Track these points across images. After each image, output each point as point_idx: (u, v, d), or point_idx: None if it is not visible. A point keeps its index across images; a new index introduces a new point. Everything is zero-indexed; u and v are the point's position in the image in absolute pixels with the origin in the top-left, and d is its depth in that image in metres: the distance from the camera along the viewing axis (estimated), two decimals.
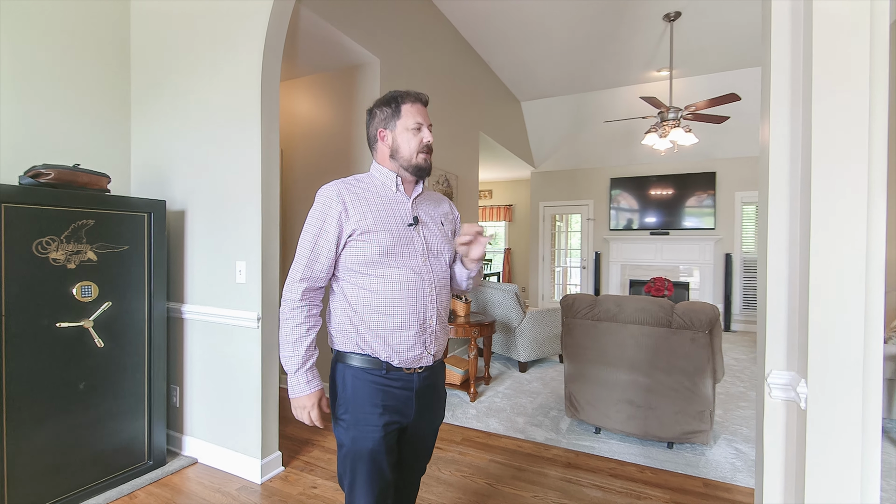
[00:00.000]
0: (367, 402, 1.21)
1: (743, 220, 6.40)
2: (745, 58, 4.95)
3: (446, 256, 1.32)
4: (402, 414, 1.25)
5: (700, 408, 2.47)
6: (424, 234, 1.27)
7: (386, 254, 1.20)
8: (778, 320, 1.31)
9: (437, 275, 1.27)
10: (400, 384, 1.23)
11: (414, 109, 1.26)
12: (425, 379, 1.27)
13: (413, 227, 1.26)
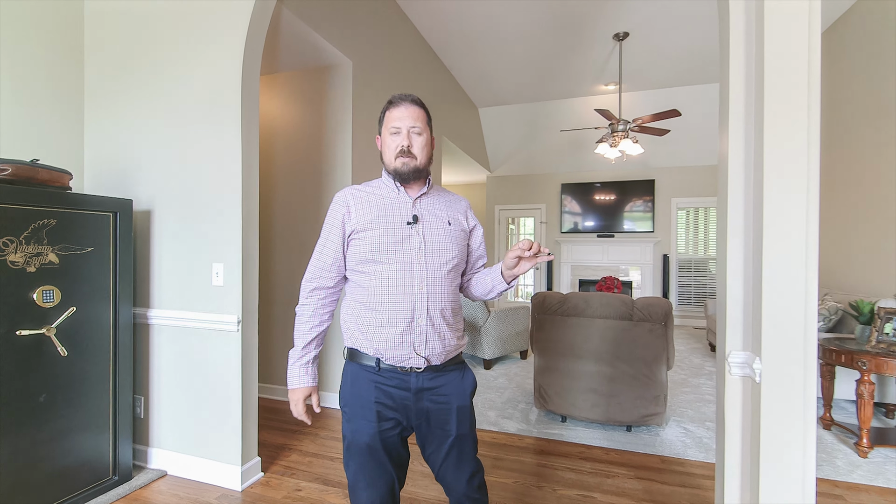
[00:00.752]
0: (362, 398, 1.24)
1: (678, 223, 7.03)
2: (684, 76, 5.48)
3: (448, 256, 1.28)
4: (401, 413, 1.25)
5: (656, 392, 2.74)
6: (424, 231, 1.26)
7: (377, 250, 1.22)
8: (736, 309, 1.53)
9: (431, 273, 1.24)
10: (395, 383, 1.23)
11: (395, 114, 1.26)
12: (427, 381, 1.24)
13: (412, 226, 1.25)
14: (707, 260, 6.99)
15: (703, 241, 7.01)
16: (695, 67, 5.20)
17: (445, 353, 1.26)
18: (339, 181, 3.26)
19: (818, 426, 2.93)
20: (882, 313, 2.74)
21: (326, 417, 3.12)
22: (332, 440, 2.76)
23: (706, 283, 6.97)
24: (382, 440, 1.23)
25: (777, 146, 1.37)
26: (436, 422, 1.27)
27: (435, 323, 1.22)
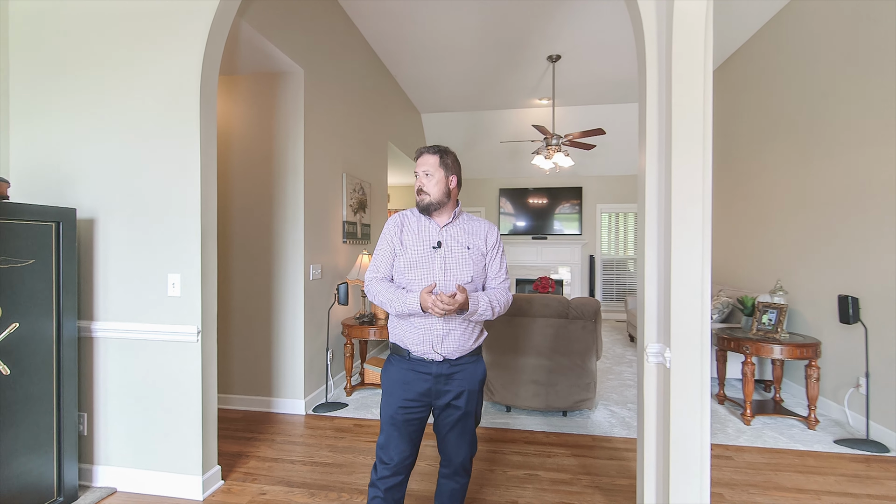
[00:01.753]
0: (394, 382, 1.62)
1: (602, 227, 7.75)
2: (609, 96, 6.09)
3: (467, 275, 1.61)
4: (425, 394, 1.60)
5: (587, 380, 3.12)
6: (445, 255, 1.61)
7: (409, 267, 1.60)
8: (651, 307, 1.88)
9: (448, 288, 1.57)
10: (418, 368, 1.59)
11: (419, 161, 1.65)
12: (440, 367, 1.59)
13: (436, 250, 1.61)
14: (626, 260, 7.78)
15: (623, 242, 7.79)
16: (617, 89, 5.81)
17: (459, 351, 1.61)
18: (290, 189, 3.28)
19: (714, 401, 3.51)
20: (760, 307, 3.35)
21: (282, 423, 3.14)
22: (290, 444, 2.81)
23: (626, 280, 7.76)
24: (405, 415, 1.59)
25: (680, 165, 1.72)
26: (447, 397, 1.62)
27: (451, 329, 1.58)
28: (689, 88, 1.72)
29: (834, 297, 3.20)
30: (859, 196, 3.03)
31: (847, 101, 3.14)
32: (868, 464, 2.59)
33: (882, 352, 2.83)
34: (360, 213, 4.44)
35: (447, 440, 1.68)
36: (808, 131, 3.55)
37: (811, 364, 3.05)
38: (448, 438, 1.67)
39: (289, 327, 3.32)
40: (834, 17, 3.26)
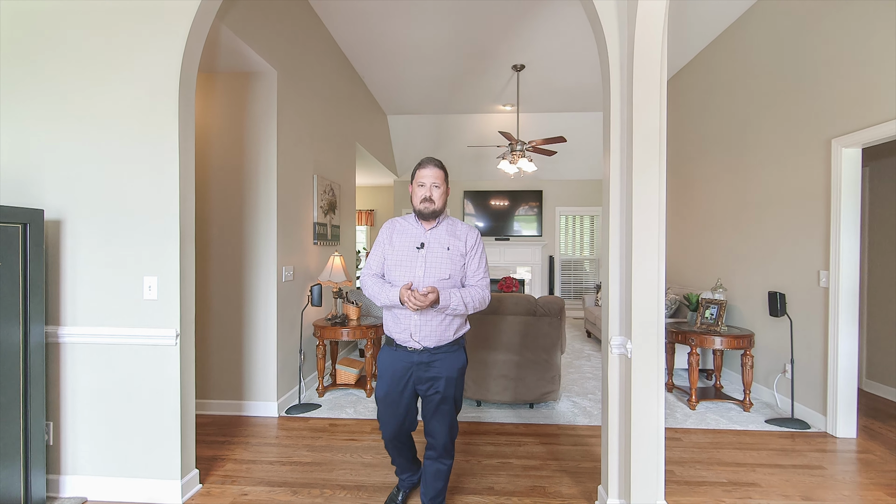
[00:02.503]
0: (385, 366, 1.88)
1: (561, 229, 8.12)
2: (569, 105, 6.43)
3: (444, 273, 1.82)
4: (409, 378, 1.84)
5: (553, 374, 3.33)
6: (427, 255, 1.83)
7: (396, 265, 1.85)
8: (615, 304, 2.08)
9: (427, 285, 1.78)
10: (401, 355, 1.84)
11: (422, 172, 1.84)
12: (421, 356, 1.81)
13: (419, 250, 1.84)
14: (583, 260, 8.19)
15: (580, 243, 8.20)
16: (577, 98, 6.15)
17: (437, 341, 1.82)
18: (263, 189, 3.26)
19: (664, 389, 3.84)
20: (704, 303, 3.70)
21: (255, 426, 3.13)
22: (266, 446, 2.82)
23: (583, 279, 8.18)
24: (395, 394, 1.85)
25: (639, 172, 1.93)
26: (428, 383, 1.83)
27: (427, 320, 1.79)
28: (646, 104, 1.93)
29: (765, 293, 3.60)
30: (783, 203, 3.43)
31: (773, 120, 3.55)
32: (793, 439, 2.96)
33: (804, 341, 3.24)
34: (330, 214, 4.45)
35: (430, 422, 1.90)
36: (742, 144, 3.96)
37: (746, 353, 3.42)
38: (431, 420, 1.90)
39: (261, 329, 3.30)
40: (766, 45, 3.67)
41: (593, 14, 2.10)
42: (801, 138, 3.28)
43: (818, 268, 3.12)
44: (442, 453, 1.93)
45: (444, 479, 1.95)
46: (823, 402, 3.09)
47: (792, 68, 3.37)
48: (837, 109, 2.97)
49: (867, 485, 2.39)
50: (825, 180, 3.06)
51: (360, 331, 3.70)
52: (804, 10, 3.24)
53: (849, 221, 2.94)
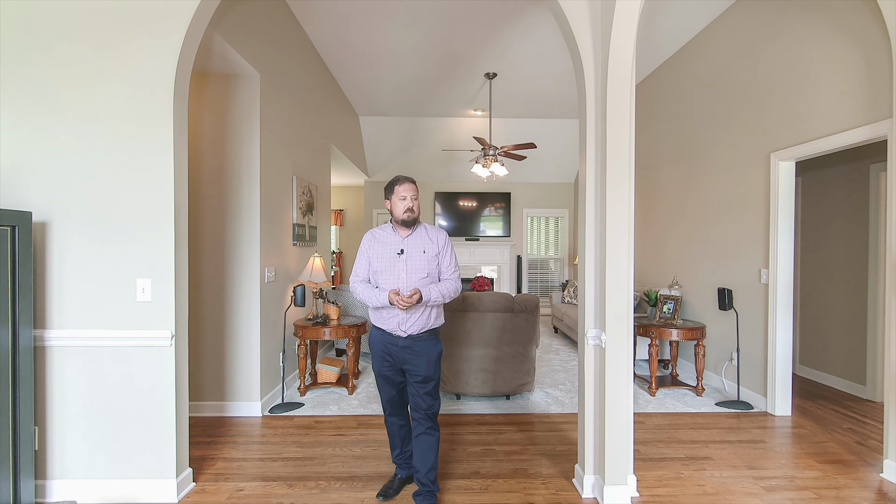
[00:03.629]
0: (376, 346, 2.19)
1: (529, 230, 8.44)
2: (538, 111, 6.73)
3: (424, 274, 2.13)
4: (394, 357, 2.15)
5: (528, 366, 3.56)
6: (406, 260, 2.13)
7: (381, 270, 2.13)
8: (590, 299, 2.31)
9: (410, 285, 2.09)
10: (389, 339, 2.14)
11: (403, 188, 2.12)
12: (405, 341, 2.11)
13: (399, 256, 2.11)
14: (548, 259, 8.56)
15: (546, 243, 8.56)
16: (546, 105, 6.45)
17: (419, 329, 2.12)
18: (245, 191, 3.27)
19: None
20: (662, 299, 4.05)
21: (240, 426, 3.15)
22: (254, 444, 2.86)
23: (549, 277, 8.54)
24: (387, 370, 2.18)
25: (612, 189, 2.17)
26: (412, 365, 2.13)
27: (411, 313, 2.09)
28: (619, 135, 2.17)
29: (715, 289, 3.99)
30: (731, 209, 3.83)
31: (722, 133, 3.94)
32: (739, 419, 3.33)
33: (748, 332, 3.63)
34: (308, 215, 4.48)
35: (417, 398, 2.16)
36: (695, 154, 4.35)
37: (699, 344, 3.79)
38: (417, 396, 2.17)
39: (244, 330, 3.32)
40: (716, 64, 4.06)
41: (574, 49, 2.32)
42: (745, 151, 3.67)
43: (760, 266, 3.52)
44: (430, 424, 2.17)
45: (434, 451, 2.16)
46: (764, 385, 3.49)
47: (738, 87, 3.76)
48: (776, 126, 3.37)
49: (800, 454, 2.75)
50: (765, 189, 3.46)
51: (343, 330, 3.77)
52: (748, 36, 3.63)
53: (785, 226, 3.34)
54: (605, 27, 2.20)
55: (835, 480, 2.44)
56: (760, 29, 3.49)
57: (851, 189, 3.92)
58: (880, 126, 2.56)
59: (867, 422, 3.26)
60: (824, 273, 4.16)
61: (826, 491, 2.34)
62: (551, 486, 2.39)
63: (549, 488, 2.37)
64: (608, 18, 2.16)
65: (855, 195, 3.89)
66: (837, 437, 3.00)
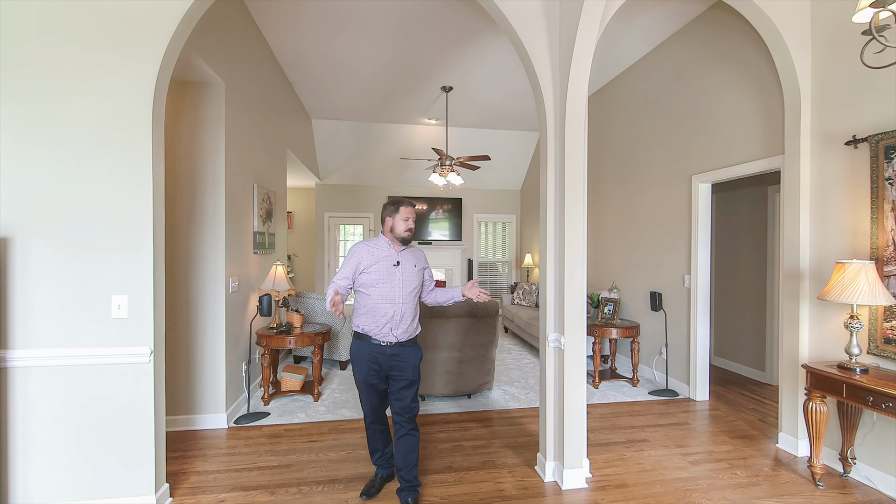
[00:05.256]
0: (361, 356, 2.32)
1: (479, 234, 8.81)
2: (489, 123, 7.08)
3: (415, 285, 2.35)
4: (380, 365, 2.29)
5: (488, 367, 3.84)
6: (401, 272, 2.32)
7: (376, 281, 2.28)
8: (551, 307, 2.62)
9: (405, 294, 2.31)
10: (377, 349, 2.28)
11: (407, 210, 2.34)
12: (393, 348, 2.29)
13: (396, 267, 2.31)
14: (496, 263, 8.99)
15: (494, 247, 8.98)
16: (497, 118, 6.83)
17: (407, 336, 2.33)
18: (210, 200, 3.24)
19: None
20: (603, 301, 4.53)
21: (207, 438, 3.12)
22: (226, 456, 2.87)
23: (498, 280, 8.97)
24: (372, 378, 2.31)
25: (570, 210, 2.49)
26: (399, 371, 2.30)
27: (403, 319, 2.30)
28: (574, 167, 2.50)
29: (647, 292, 4.53)
30: (661, 222, 4.38)
31: (654, 155, 4.49)
32: (667, 405, 3.85)
33: (674, 329, 4.19)
34: (267, 222, 4.45)
35: (400, 401, 2.32)
36: (632, 171, 4.89)
37: (634, 341, 4.29)
38: (400, 400, 2.32)
39: (209, 342, 3.28)
40: (650, 92, 4.60)
41: (539, 95, 2.63)
42: (672, 172, 4.23)
43: (683, 272, 4.07)
44: (412, 425, 2.34)
45: (416, 450, 2.35)
46: (687, 374, 4.05)
47: (668, 114, 4.31)
48: (697, 153, 3.92)
49: (716, 432, 3.27)
50: (688, 206, 4.01)
51: (308, 338, 3.82)
52: (676, 69, 4.18)
53: (703, 237, 3.91)
54: (563, 75, 2.52)
55: (742, 452, 2.96)
56: (687, 65, 4.04)
57: (754, 208, 4.64)
58: (776, 160, 3.13)
59: (766, 402, 3.91)
60: (733, 277, 4.86)
61: (736, 461, 2.83)
62: (517, 473, 2.67)
63: (515, 476, 2.65)
64: (566, 70, 2.48)
65: (756, 213, 4.61)
66: (744, 416, 3.59)
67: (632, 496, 2.43)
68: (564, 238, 2.50)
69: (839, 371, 2.39)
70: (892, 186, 2.39)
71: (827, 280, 2.75)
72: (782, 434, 3.01)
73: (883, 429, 2.48)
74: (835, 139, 2.71)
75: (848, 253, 2.64)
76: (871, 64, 2.11)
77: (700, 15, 3.83)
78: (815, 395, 2.50)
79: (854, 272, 2.32)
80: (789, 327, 2.96)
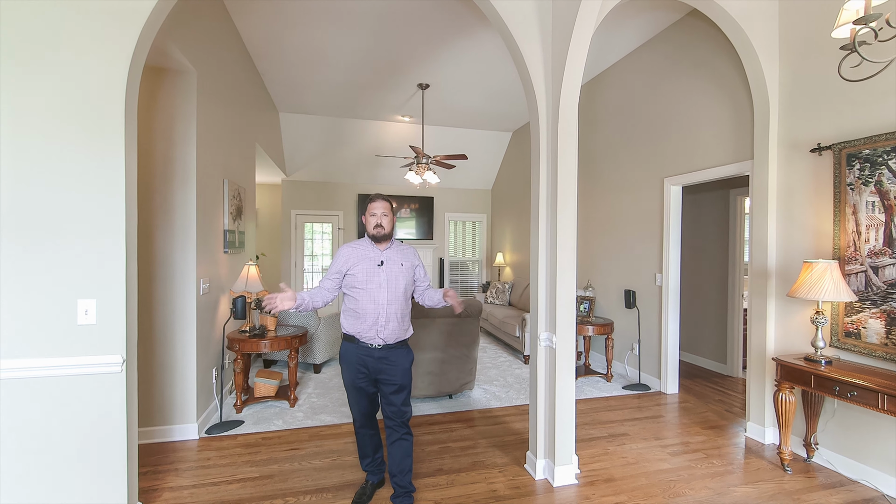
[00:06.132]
0: (349, 358, 2.26)
1: (450, 233, 8.80)
2: (463, 122, 7.06)
3: (402, 286, 2.25)
4: (367, 367, 2.23)
5: (470, 366, 3.84)
6: (386, 272, 2.23)
7: (360, 282, 2.21)
8: (542, 307, 2.64)
9: (390, 295, 2.21)
10: (364, 351, 2.22)
11: (374, 206, 2.25)
12: (381, 351, 2.22)
13: (380, 267, 2.21)
14: (468, 262, 9.02)
15: (465, 246, 9.01)
16: (472, 117, 6.83)
17: (396, 338, 2.24)
18: (180, 196, 3.03)
19: None
20: (579, 299, 4.63)
21: (177, 451, 2.92)
22: (201, 469, 2.70)
23: (468, 279, 9.01)
24: (360, 381, 2.24)
25: (561, 209, 2.52)
26: (388, 375, 2.23)
27: (389, 321, 2.20)
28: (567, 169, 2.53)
29: (622, 290, 4.68)
30: (634, 222, 4.53)
31: (629, 157, 4.64)
32: (641, 399, 3.99)
33: (646, 326, 4.35)
34: (238, 220, 4.22)
35: (391, 406, 2.25)
36: (607, 173, 5.03)
37: (608, 337, 4.43)
38: (391, 404, 2.26)
39: (178, 347, 3.07)
40: (626, 96, 4.75)
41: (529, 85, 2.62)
42: (646, 174, 4.38)
43: (655, 271, 4.24)
44: (405, 429, 2.28)
45: (410, 454, 2.30)
46: (658, 369, 4.22)
47: (642, 118, 4.46)
48: (669, 156, 4.09)
49: (689, 424, 3.43)
50: (660, 208, 4.18)
51: (284, 341, 3.66)
52: (652, 74, 4.34)
53: (674, 237, 4.08)
54: (557, 72, 2.54)
55: (715, 442, 3.12)
56: (661, 71, 4.19)
57: (718, 210, 4.90)
58: (745, 165, 3.31)
59: (730, 393, 4.14)
60: (699, 276, 5.12)
61: (711, 451, 2.98)
62: (507, 472, 2.68)
63: (506, 475, 2.65)
64: (559, 67, 2.50)
65: (720, 214, 4.87)
66: (712, 407, 3.78)
67: (620, 490, 2.50)
68: (557, 238, 2.52)
69: (806, 363, 2.56)
70: (854, 191, 2.58)
71: (792, 278, 2.94)
72: (750, 423, 3.20)
73: (843, 416, 2.68)
74: (801, 146, 2.89)
75: (812, 253, 2.83)
76: (850, 77, 2.27)
77: (675, 22, 3.98)
78: (785, 386, 2.66)
79: (820, 271, 2.49)
80: (757, 323, 3.14)
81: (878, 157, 2.46)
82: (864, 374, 2.33)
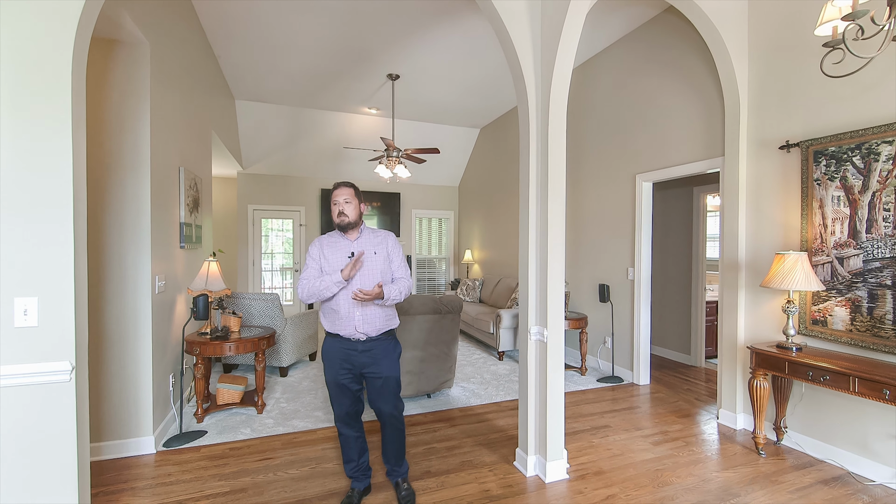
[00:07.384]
0: (332, 354, 2.17)
1: (418, 229, 8.65)
2: (434, 117, 6.94)
3: (376, 276, 2.15)
4: (351, 363, 2.15)
5: (450, 364, 3.74)
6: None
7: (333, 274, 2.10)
8: (532, 301, 2.58)
9: (364, 285, 2.12)
10: (347, 346, 2.15)
11: (335, 194, 2.15)
12: (365, 345, 2.14)
13: (350, 259, 2.14)
14: (434, 260, 8.91)
15: (432, 243, 8.90)
16: (443, 112, 6.72)
17: (377, 330, 2.15)
18: (131, 184, 2.71)
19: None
20: None
21: (132, 468, 2.61)
22: (161, 486, 2.42)
23: (436, 276, 8.90)
24: (343, 377, 2.15)
25: (552, 200, 2.47)
26: (374, 369, 2.15)
27: (367, 315, 2.13)
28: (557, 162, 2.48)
29: (596, 285, 4.76)
30: (607, 218, 4.61)
31: (602, 154, 4.72)
32: (615, 391, 4.06)
33: (619, 319, 4.44)
34: (195, 212, 3.88)
35: (376, 398, 2.20)
36: (581, 169, 5.10)
37: (583, 331, 4.48)
38: (376, 396, 2.20)
39: (131, 352, 2.75)
40: (599, 93, 4.82)
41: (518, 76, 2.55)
42: (619, 171, 4.47)
43: (627, 265, 4.33)
44: (388, 420, 2.24)
45: (402, 439, 2.27)
46: (631, 361, 4.32)
47: (616, 114, 4.54)
48: (641, 153, 4.19)
49: (664, 413, 3.52)
50: (632, 203, 4.27)
51: (251, 343, 3.40)
52: (624, 71, 4.42)
53: (645, 232, 4.19)
54: (548, 60, 2.49)
55: (692, 429, 3.21)
56: (633, 69, 4.28)
57: (683, 205, 5.09)
58: (715, 161, 3.43)
59: (695, 382, 4.31)
60: (665, 270, 5.30)
61: (689, 438, 3.06)
62: (497, 471, 2.60)
63: (496, 473, 2.57)
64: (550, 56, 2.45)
65: (684, 210, 5.07)
66: (682, 396, 3.91)
67: (611, 481, 2.49)
68: (548, 232, 2.48)
69: (780, 350, 2.68)
70: (820, 187, 2.72)
71: (762, 271, 3.07)
72: (722, 410, 3.32)
73: (810, 399, 2.83)
74: (770, 144, 3.03)
75: (781, 246, 2.97)
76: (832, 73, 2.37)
77: (650, 20, 4.07)
78: (759, 373, 2.77)
79: (792, 262, 2.60)
80: (728, 314, 3.27)
81: (843, 154, 2.61)
82: (834, 359, 2.46)
